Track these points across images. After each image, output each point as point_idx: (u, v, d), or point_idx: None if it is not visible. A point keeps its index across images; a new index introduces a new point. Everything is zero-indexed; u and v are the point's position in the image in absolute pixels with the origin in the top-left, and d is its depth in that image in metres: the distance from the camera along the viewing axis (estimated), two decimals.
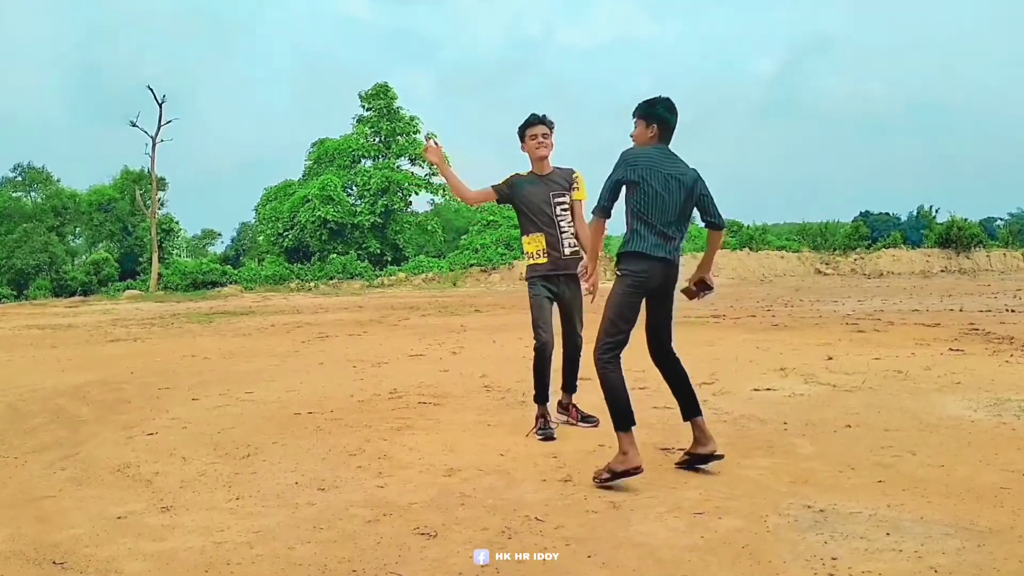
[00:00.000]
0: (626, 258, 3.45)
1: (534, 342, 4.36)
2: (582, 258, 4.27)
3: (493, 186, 4.50)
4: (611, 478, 3.30)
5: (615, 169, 3.47)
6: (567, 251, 4.34)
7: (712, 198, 3.58)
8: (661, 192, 3.40)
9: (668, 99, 3.57)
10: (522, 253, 4.51)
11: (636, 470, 3.29)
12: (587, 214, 4.09)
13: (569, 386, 4.57)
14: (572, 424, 4.52)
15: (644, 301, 3.49)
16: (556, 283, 4.38)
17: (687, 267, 3.61)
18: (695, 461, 3.55)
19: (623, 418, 3.37)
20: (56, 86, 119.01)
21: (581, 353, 4.41)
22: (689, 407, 3.59)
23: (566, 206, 4.38)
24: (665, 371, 3.66)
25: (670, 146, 3.56)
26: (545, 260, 4.37)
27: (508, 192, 4.46)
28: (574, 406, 4.58)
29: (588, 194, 4.40)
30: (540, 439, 4.20)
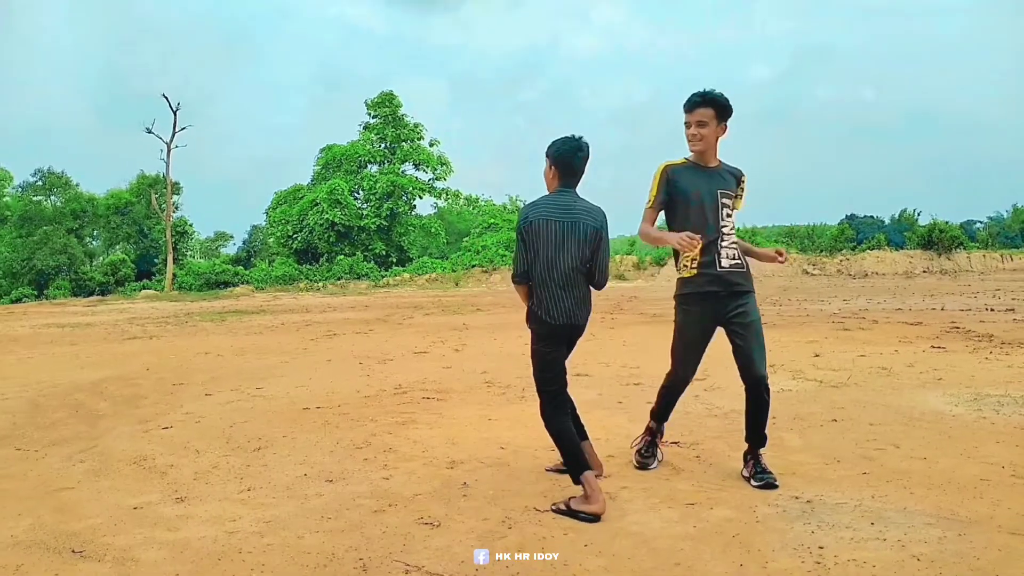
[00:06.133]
0: (533, 318, 3.22)
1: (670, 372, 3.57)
2: (744, 271, 3.39)
3: (650, 208, 3.40)
4: (567, 512, 3.00)
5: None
6: (725, 263, 3.35)
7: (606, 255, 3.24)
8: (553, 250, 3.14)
9: (571, 137, 3.22)
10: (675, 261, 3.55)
11: (595, 517, 2.94)
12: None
13: (753, 437, 3.40)
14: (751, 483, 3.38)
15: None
16: (715, 304, 3.35)
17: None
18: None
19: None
20: (78, 93, 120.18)
21: (767, 394, 3.34)
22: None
23: (730, 210, 3.42)
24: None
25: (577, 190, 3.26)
26: (695, 273, 3.36)
27: (665, 197, 3.39)
28: (755, 458, 3.41)
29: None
30: (636, 464, 3.64)
